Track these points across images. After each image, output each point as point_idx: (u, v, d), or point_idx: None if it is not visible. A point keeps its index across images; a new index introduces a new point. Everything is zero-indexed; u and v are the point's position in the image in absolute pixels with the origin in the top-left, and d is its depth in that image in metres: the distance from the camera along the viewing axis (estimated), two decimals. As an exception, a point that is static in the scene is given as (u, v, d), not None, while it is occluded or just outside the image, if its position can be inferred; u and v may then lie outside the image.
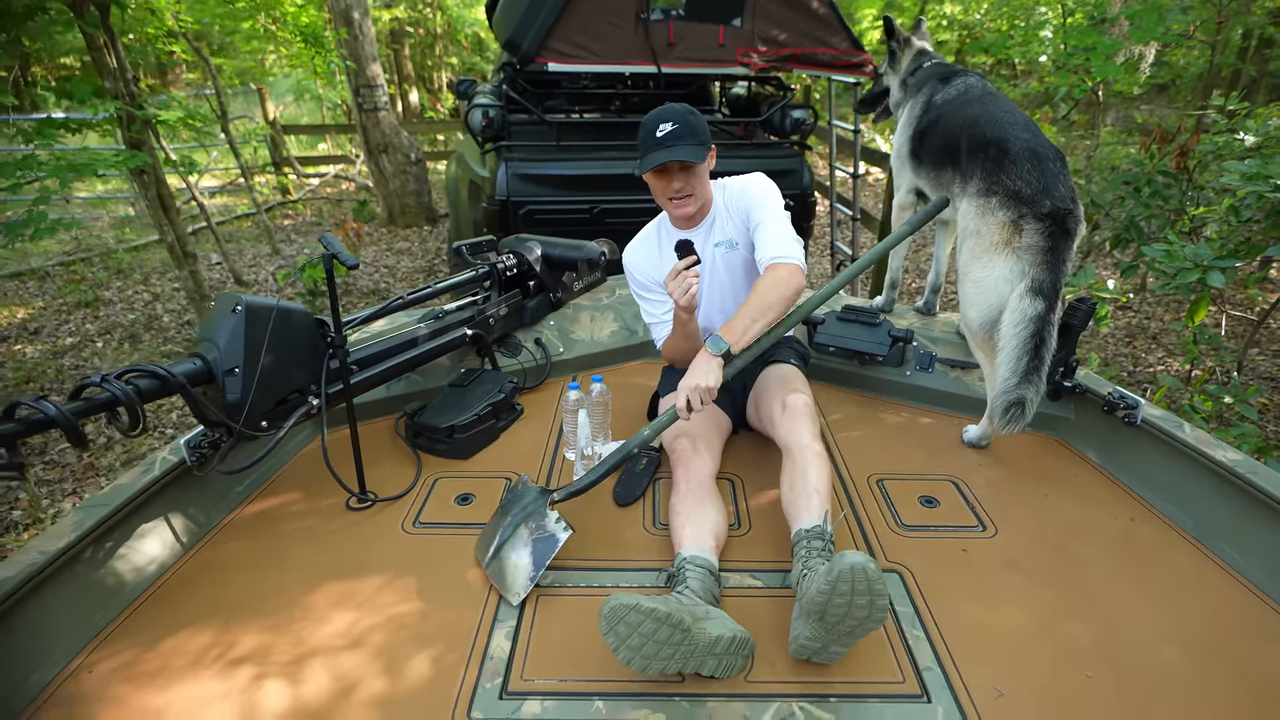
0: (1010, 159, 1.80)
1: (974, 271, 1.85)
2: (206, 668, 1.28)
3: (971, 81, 2.16)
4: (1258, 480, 1.50)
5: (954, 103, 2.10)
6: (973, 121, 1.94)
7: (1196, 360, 3.65)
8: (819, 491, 1.50)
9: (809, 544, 1.41)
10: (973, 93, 2.09)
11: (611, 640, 1.19)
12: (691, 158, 1.73)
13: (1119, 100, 9.40)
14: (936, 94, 2.18)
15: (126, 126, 3.48)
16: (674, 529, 1.55)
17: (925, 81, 2.27)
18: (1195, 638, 1.34)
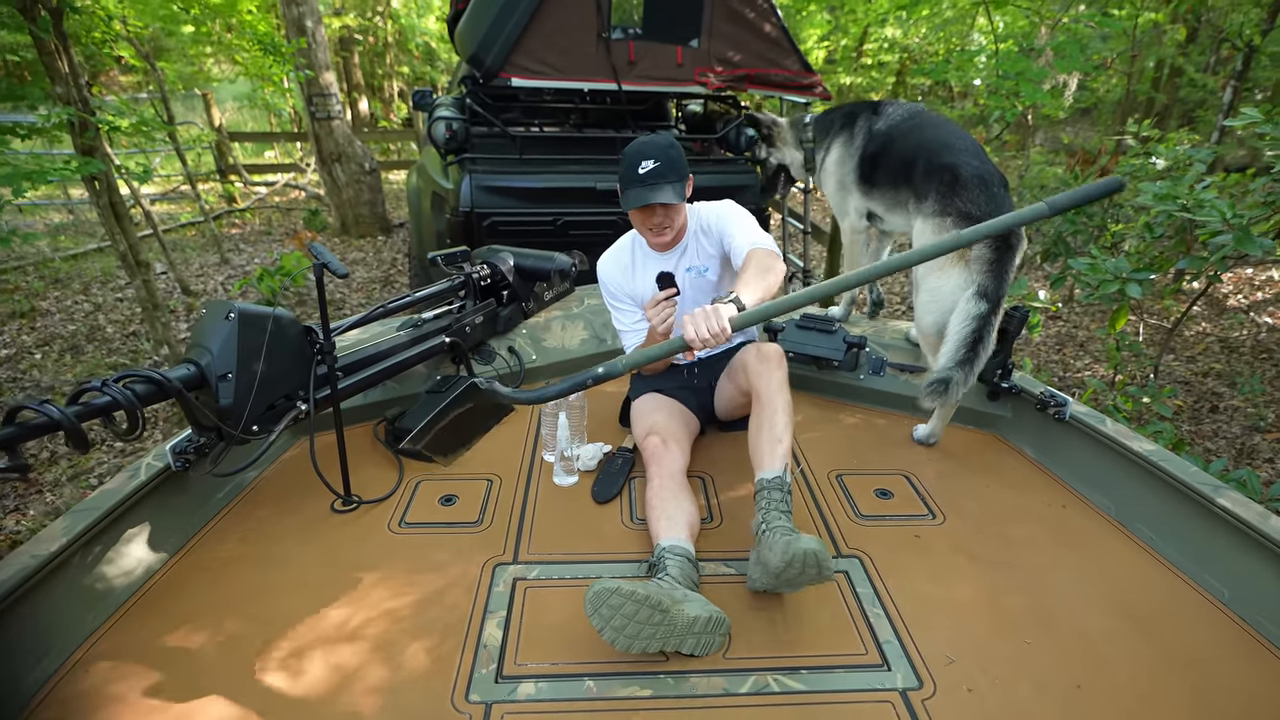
0: (961, 184, 1.99)
1: (930, 281, 2.05)
2: (207, 664, 1.32)
3: (915, 107, 2.37)
4: (1169, 468, 1.69)
5: (902, 127, 2.29)
6: (927, 147, 2.14)
7: (1119, 365, 3.95)
8: (782, 441, 1.64)
9: (769, 495, 1.56)
10: (923, 119, 2.29)
11: (596, 622, 1.30)
12: (674, 199, 1.80)
13: (1046, 123, 9.99)
14: (875, 123, 2.39)
15: (79, 133, 3.41)
16: (651, 522, 1.65)
17: (838, 121, 2.54)
18: (1118, 607, 1.51)
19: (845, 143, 2.49)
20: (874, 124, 2.39)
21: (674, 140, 1.85)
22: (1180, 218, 2.78)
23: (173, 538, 1.63)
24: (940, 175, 2.04)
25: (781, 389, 1.73)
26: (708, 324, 1.46)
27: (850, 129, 2.47)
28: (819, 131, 2.63)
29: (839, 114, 2.58)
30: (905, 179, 2.21)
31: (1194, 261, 2.79)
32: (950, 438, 2.19)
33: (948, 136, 2.15)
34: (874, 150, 2.36)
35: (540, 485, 1.92)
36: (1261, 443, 3.81)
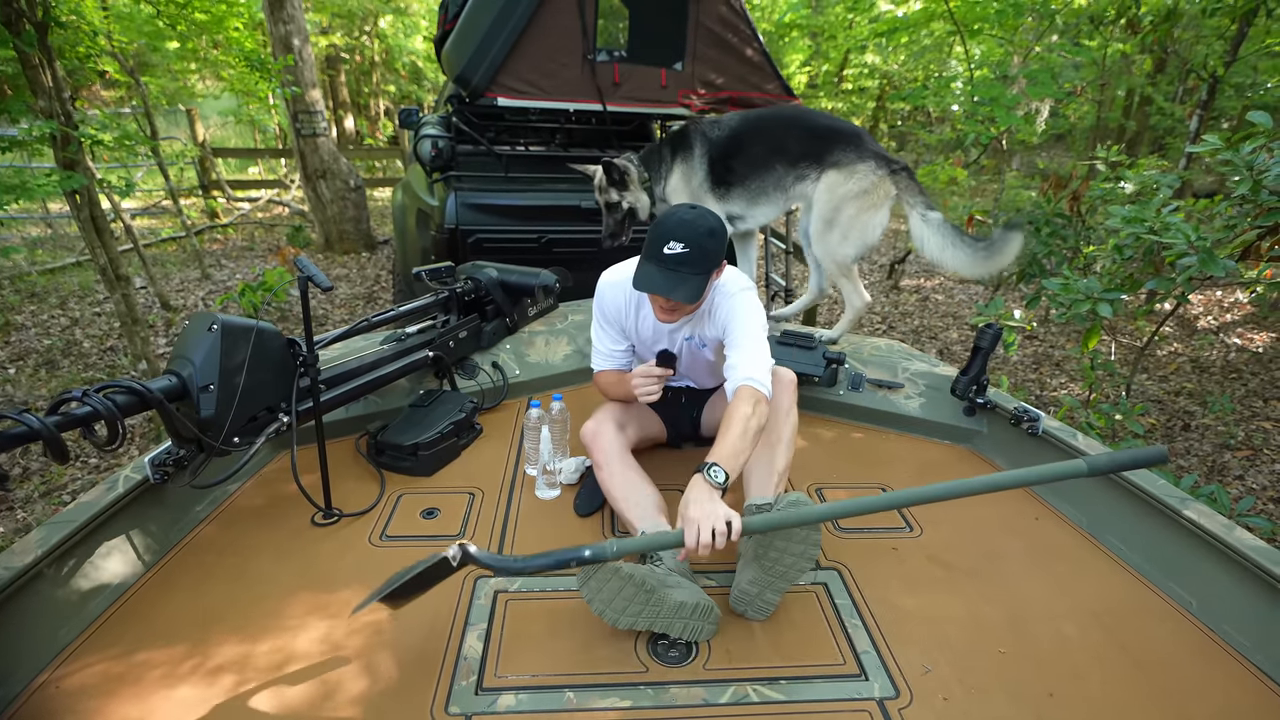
0: (859, 136, 2.52)
1: (865, 219, 2.51)
2: (182, 678, 1.31)
3: (745, 112, 2.79)
4: (1137, 481, 1.74)
5: (749, 125, 2.66)
6: (797, 125, 2.59)
7: (1094, 384, 4.04)
8: (780, 473, 1.70)
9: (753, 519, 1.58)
10: (765, 112, 2.73)
11: (586, 593, 1.37)
12: (686, 300, 1.60)
13: (1022, 148, 10.25)
14: (712, 133, 2.68)
15: (62, 147, 3.40)
16: (619, 511, 1.70)
17: (668, 147, 2.75)
18: (1089, 617, 1.54)
19: (685, 159, 2.69)
20: (711, 133, 2.65)
21: (718, 228, 1.63)
22: (1148, 240, 2.87)
23: (150, 551, 1.61)
24: (835, 135, 2.53)
25: (789, 415, 1.76)
26: (716, 539, 1.33)
27: (686, 148, 2.68)
28: (650, 165, 2.75)
29: (664, 142, 2.78)
30: (777, 161, 2.59)
31: (1162, 282, 2.87)
32: (926, 452, 2.23)
33: (801, 112, 2.63)
34: (722, 154, 2.61)
35: (522, 499, 1.93)
36: (1231, 460, 3.90)
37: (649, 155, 2.79)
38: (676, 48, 4.15)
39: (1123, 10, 5.41)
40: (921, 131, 11.36)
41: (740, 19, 4.21)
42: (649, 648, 1.42)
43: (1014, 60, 4.95)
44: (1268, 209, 2.62)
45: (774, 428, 1.73)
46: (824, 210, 2.55)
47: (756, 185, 2.66)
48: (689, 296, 1.60)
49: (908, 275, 7.40)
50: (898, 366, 2.43)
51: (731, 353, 1.70)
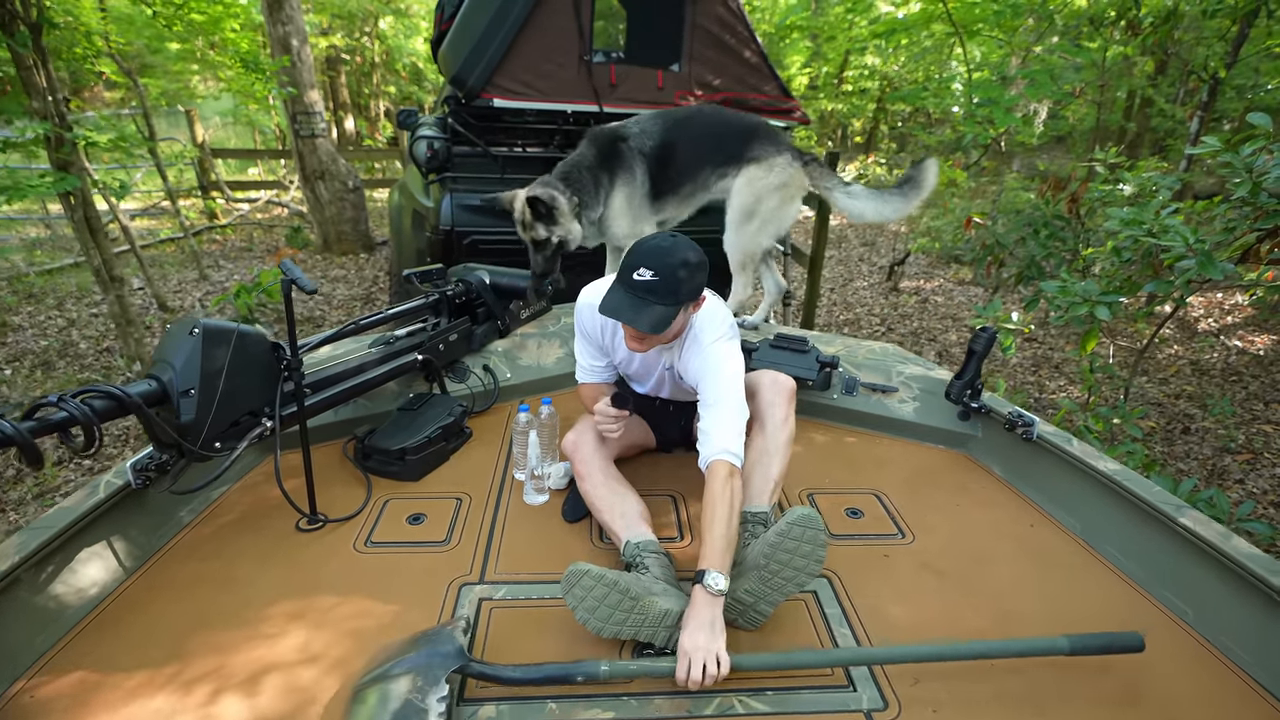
0: (775, 132, 2.69)
1: (784, 210, 2.70)
2: (159, 687, 1.29)
3: (654, 113, 2.80)
4: (1133, 488, 1.71)
5: (671, 130, 2.69)
6: (714, 122, 2.68)
7: (1093, 387, 4.01)
8: (776, 481, 1.69)
9: (753, 528, 1.60)
10: (679, 114, 2.81)
11: (570, 600, 1.35)
12: (651, 330, 1.52)
13: (1023, 150, 10.22)
14: (643, 144, 2.64)
15: (55, 148, 3.39)
16: (603, 523, 1.69)
17: (601, 171, 2.63)
18: (1084, 627, 1.50)
19: (627, 181, 2.62)
20: (644, 147, 2.61)
21: (692, 260, 1.55)
22: (1147, 243, 2.85)
23: (131, 556, 1.59)
24: (753, 132, 2.68)
25: (787, 422, 1.75)
26: (706, 674, 1.27)
27: (625, 169, 2.61)
28: (581, 188, 2.58)
29: (595, 163, 2.62)
30: (704, 163, 2.69)
31: (1161, 285, 2.85)
32: (920, 456, 2.20)
33: (722, 113, 2.77)
34: (659, 166, 2.60)
35: (510, 504, 1.91)
36: (1232, 464, 3.87)
37: (577, 178, 2.59)
38: (673, 49, 4.14)
39: (1123, 12, 5.39)
40: (920, 133, 11.33)
41: (738, 20, 4.19)
42: (634, 657, 1.40)
43: (1012, 61, 4.91)
44: (1267, 211, 2.60)
45: (771, 435, 1.72)
46: (745, 202, 2.65)
47: (687, 189, 2.75)
48: (654, 326, 1.52)
49: (907, 277, 7.38)
50: (892, 370, 2.41)
51: (704, 414, 1.61)
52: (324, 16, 11.21)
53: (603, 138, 2.60)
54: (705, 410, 1.62)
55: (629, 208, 2.61)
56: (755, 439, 1.72)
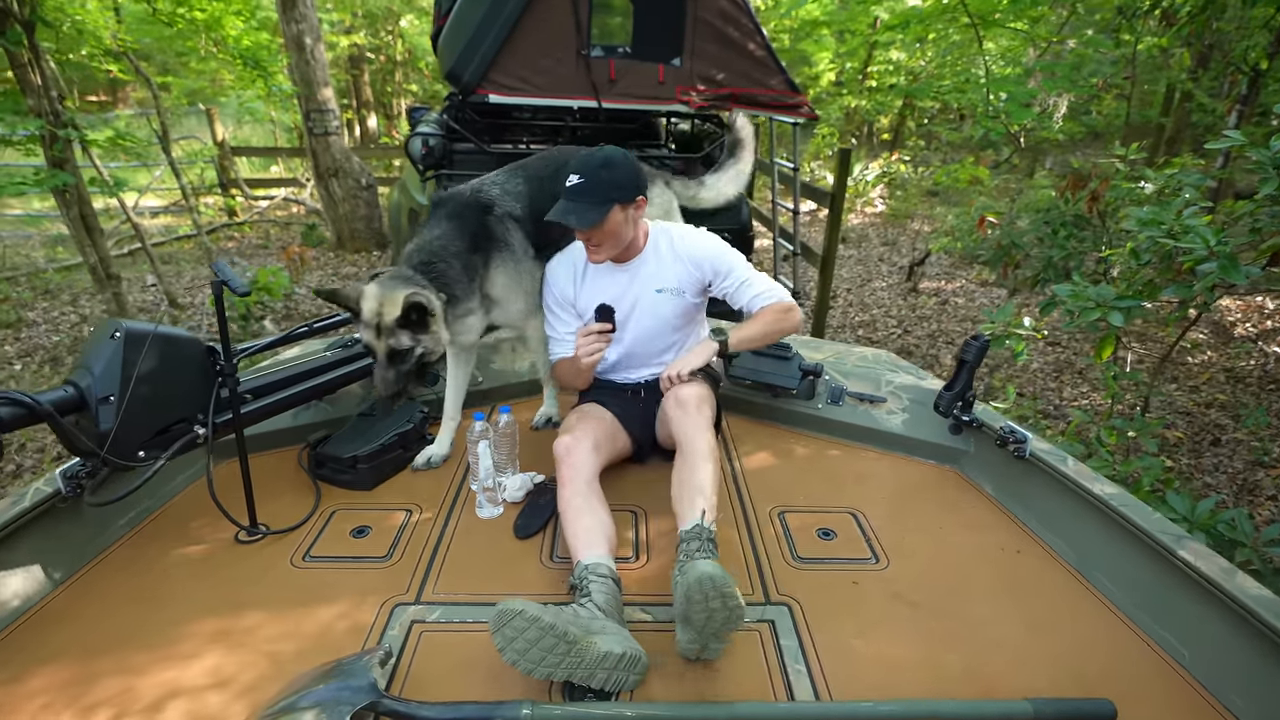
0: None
1: None
2: (55, 713, 1.22)
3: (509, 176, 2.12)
4: (1130, 514, 1.56)
5: (535, 187, 2.07)
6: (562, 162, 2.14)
7: (1116, 395, 3.80)
8: (702, 492, 1.55)
9: (686, 545, 1.46)
10: (532, 169, 2.13)
11: (498, 641, 1.24)
12: (578, 224, 1.71)
13: (1054, 147, 9.87)
14: (515, 210, 2.03)
15: (49, 145, 3.40)
16: (569, 533, 1.57)
17: (469, 250, 1.94)
18: (1068, 668, 1.37)
19: (507, 259, 2.02)
20: (512, 210, 2.03)
21: (614, 159, 1.75)
22: (1165, 244, 2.66)
23: (58, 569, 1.54)
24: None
25: (701, 435, 1.65)
26: (682, 371, 1.73)
27: (496, 247, 2.00)
28: (451, 285, 1.88)
29: (456, 254, 1.91)
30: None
31: (1180, 289, 2.66)
32: (907, 472, 2.06)
33: (557, 152, 2.26)
34: (534, 230, 2.05)
35: (462, 517, 1.82)
36: (1265, 478, 3.64)
37: (443, 269, 1.89)
38: (675, 43, 4.02)
39: (1157, 1, 5.12)
40: (942, 128, 11.02)
41: (742, 13, 4.06)
42: (565, 689, 1.30)
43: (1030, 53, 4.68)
44: (1297, 211, 2.40)
45: (688, 447, 1.64)
46: None
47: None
48: (585, 219, 1.71)
49: (927, 277, 7.16)
50: (881, 379, 2.27)
51: (743, 289, 1.91)
52: (346, 15, 11.27)
53: (461, 210, 1.98)
54: (747, 285, 1.91)
55: (518, 285, 2.06)
56: (676, 458, 1.67)
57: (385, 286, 1.74)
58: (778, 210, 5.27)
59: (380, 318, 1.72)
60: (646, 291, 1.94)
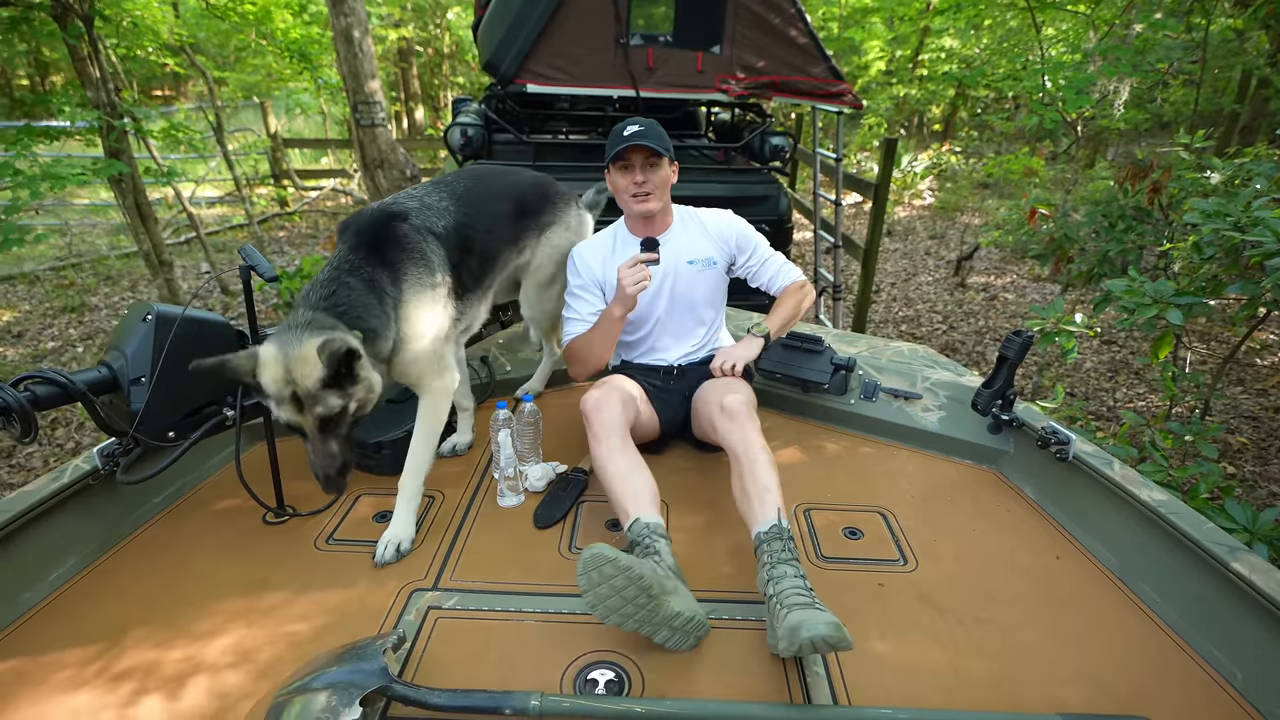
0: (553, 183, 2.26)
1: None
2: (84, 683, 1.26)
3: (430, 190, 1.89)
4: (1178, 522, 1.47)
5: (459, 202, 1.87)
6: (508, 186, 2.10)
7: (1176, 397, 3.61)
8: (769, 489, 1.53)
9: (769, 546, 1.44)
10: (454, 187, 1.92)
11: (584, 583, 1.27)
12: (656, 147, 1.84)
13: (1116, 136, 9.43)
14: (430, 223, 1.76)
15: (106, 135, 3.52)
16: (615, 495, 1.59)
17: (380, 269, 1.61)
18: (1102, 682, 1.30)
19: (422, 274, 1.68)
20: (431, 225, 1.75)
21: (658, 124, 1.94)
22: (1233, 238, 2.50)
23: (93, 544, 1.59)
24: (540, 194, 2.18)
25: (756, 437, 1.63)
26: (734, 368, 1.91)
27: (418, 262, 1.67)
28: (364, 314, 1.55)
29: (356, 268, 1.58)
30: (506, 236, 2.02)
31: (1246, 286, 2.50)
32: (941, 471, 1.99)
33: (503, 180, 2.13)
34: (458, 253, 1.81)
35: (483, 505, 1.82)
36: (1337, 490, 3.41)
37: (346, 296, 1.54)
38: (715, 30, 3.95)
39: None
40: (994, 119, 10.63)
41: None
42: (576, 681, 1.28)
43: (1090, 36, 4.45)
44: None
45: (745, 455, 1.60)
46: (549, 269, 2.18)
47: (488, 281, 1.98)
48: (659, 147, 1.84)
49: (976, 272, 6.93)
50: (918, 375, 2.19)
51: (764, 267, 2.08)
52: (395, 9, 11.45)
53: (367, 225, 1.67)
54: (769, 263, 2.09)
55: (431, 313, 1.68)
56: (731, 466, 1.64)
57: (284, 343, 1.36)
58: (819, 202, 5.16)
59: (294, 385, 1.35)
60: (679, 263, 2.00)
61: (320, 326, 1.41)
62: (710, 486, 1.92)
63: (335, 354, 1.33)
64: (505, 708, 1.17)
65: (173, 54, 5.50)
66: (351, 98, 7.17)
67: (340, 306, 1.49)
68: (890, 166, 5.00)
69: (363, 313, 1.52)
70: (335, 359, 1.33)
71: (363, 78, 7.06)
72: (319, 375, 1.34)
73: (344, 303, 1.49)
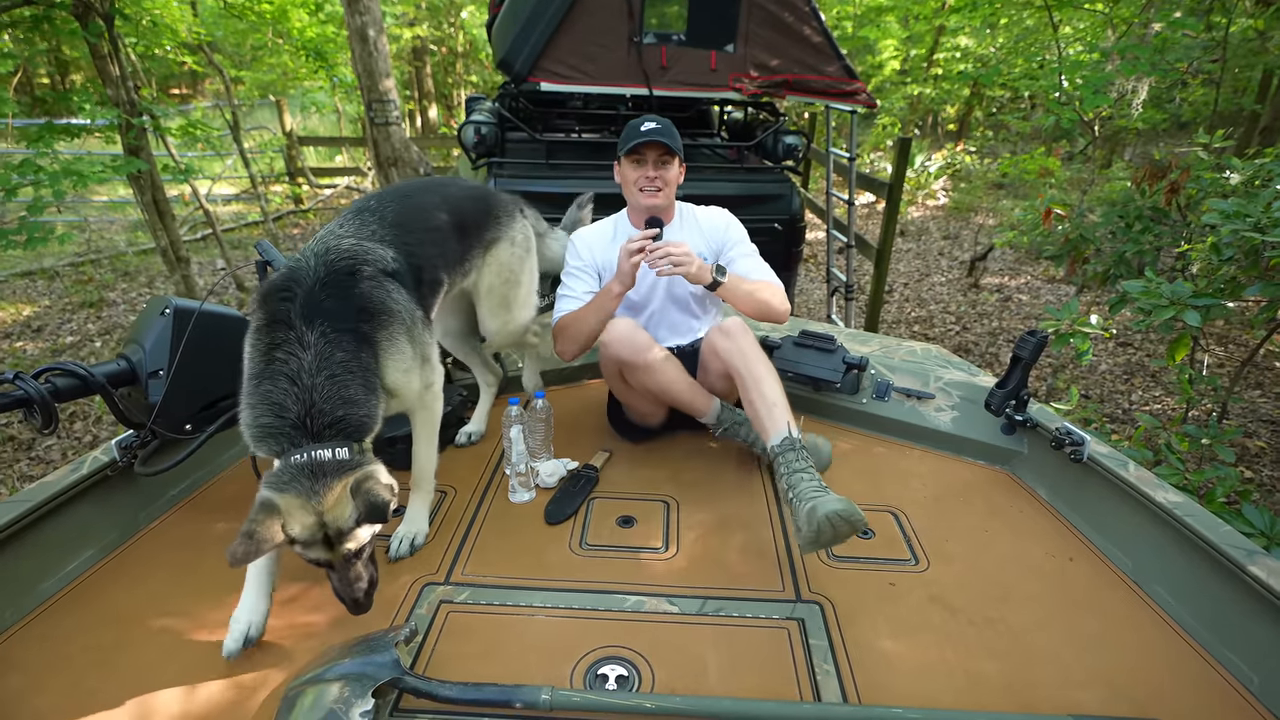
0: (496, 194, 2.07)
1: (536, 273, 2.11)
2: (104, 672, 1.28)
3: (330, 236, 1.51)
4: (1195, 524, 1.45)
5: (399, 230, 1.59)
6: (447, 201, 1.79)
7: (1193, 400, 3.57)
8: (776, 404, 1.66)
9: (784, 457, 1.59)
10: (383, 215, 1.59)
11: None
12: (672, 145, 1.89)
13: (1134, 137, 9.32)
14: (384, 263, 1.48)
15: (125, 133, 3.57)
16: (686, 398, 1.92)
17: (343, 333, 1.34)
18: (1116, 685, 1.29)
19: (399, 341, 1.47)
20: (385, 265, 1.47)
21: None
22: (1252, 239, 2.47)
23: (111, 535, 1.61)
24: (482, 206, 1.93)
25: (757, 357, 1.74)
26: (675, 256, 1.75)
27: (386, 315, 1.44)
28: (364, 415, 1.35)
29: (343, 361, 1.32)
30: (450, 256, 1.74)
31: (1267, 288, 2.47)
32: (954, 472, 1.98)
33: (443, 188, 1.87)
34: (414, 286, 1.57)
35: (494, 500, 1.83)
36: (1357, 495, 3.36)
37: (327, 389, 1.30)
38: (728, 29, 3.94)
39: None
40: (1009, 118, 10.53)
41: (798, -3, 3.95)
42: (587, 676, 1.29)
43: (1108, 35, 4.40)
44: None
45: (747, 371, 1.73)
46: (502, 289, 1.97)
47: (433, 310, 1.70)
48: (674, 145, 1.89)
49: (990, 273, 6.88)
50: (930, 375, 2.18)
51: (742, 264, 2.01)
52: (409, 8, 11.51)
53: (318, 296, 1.34)
54: (749, 259, 2.03)
55: (412, 361, 1.50)
56: (738, 388, 1.78)
57: (306, 488, 1.21)
58: (832, 201, 5.14)
59: (325, 529, 1.22)
60: None
61: (334, 459, 1.24)
62: (720, 481, 1.92)
63: (376, 505, 1.20)
64: (515, 701, 1.18)
65: (191, 52, 5.56)
66: (366, 96, 7.22)
67: (340, 425, 1.27)
68: (904, 166, 4.97)
69: (356, 412, 1.30)
70: (376, 509, 1.20)
71: (377, 76, 7.11)
72: (354, 515, 1.22)
73: (344, 424, 1.28)
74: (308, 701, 1.16)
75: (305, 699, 1.17)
